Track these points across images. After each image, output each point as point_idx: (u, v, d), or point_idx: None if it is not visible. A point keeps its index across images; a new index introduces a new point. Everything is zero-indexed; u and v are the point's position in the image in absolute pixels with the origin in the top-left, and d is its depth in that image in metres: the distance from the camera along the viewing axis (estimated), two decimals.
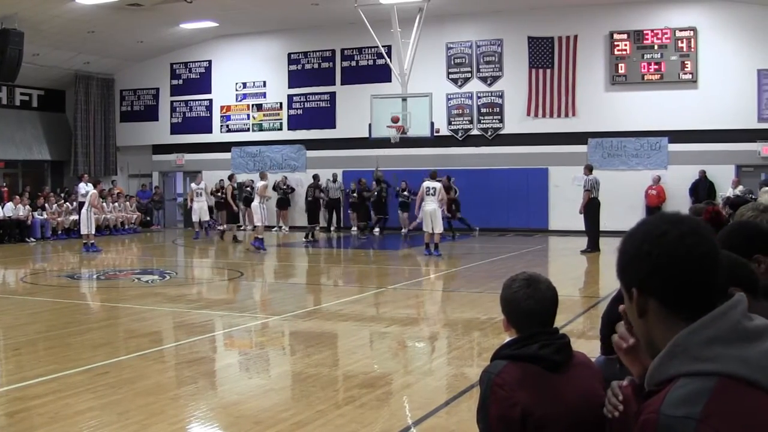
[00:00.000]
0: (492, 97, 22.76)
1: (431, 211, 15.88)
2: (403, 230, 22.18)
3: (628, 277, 1.48)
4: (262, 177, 18.37)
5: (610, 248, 16.13)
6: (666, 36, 20.67)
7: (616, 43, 21.18)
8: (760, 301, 2.21)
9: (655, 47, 20.81)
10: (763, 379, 1.31)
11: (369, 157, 22.83)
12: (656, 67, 20.81)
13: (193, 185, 22.51)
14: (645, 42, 20.89)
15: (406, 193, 21.49)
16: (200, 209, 21.76)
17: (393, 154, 21.94)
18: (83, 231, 18.12)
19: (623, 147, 21.33)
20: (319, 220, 22.12)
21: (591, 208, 16.76)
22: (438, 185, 16.27)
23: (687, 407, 1.29)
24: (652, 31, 20.79)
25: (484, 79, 22.86)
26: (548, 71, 21.99)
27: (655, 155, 20.98)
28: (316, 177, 23.22)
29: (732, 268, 2.17)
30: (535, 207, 22.07)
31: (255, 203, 17.77)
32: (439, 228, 16.00)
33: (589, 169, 17.24)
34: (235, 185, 22.12)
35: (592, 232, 16.84)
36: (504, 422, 2.36)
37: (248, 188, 23.06)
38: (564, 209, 20.71)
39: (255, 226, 17.64)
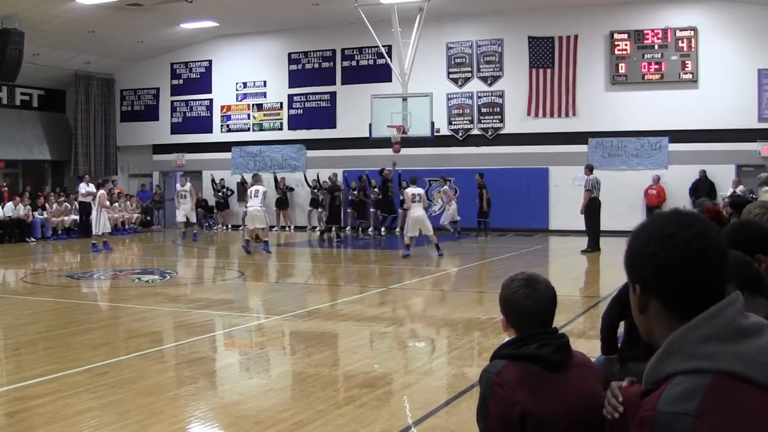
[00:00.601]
0: (492, 97, 22.76)
1: (420, 218, 15.88)
2: (397, 229, 22.17)
3: (632, 274, 1.50)
4: (257, 180, 17.89)
5: (610, 248, 16.16)
6: (667, 36, 20.66)
7: (616, 43, 21.17)
8: (757, 298, 2.21)
9: (656, 47, 20.80)
10: (758, 375, 1.32)
11: (369, 157, 22.82)
12: (656, 66, 20.81)
13: (177, 186, 22.04)
14: (645, 42, 20.89)
15: None
16: (186, 211, 21.24)
17: (393, 154, 21.92)
18: (95, 231, 18.10)
19: (623, 147, 21.33)
20: (339, 220, 21.88)
21: (591, 208, 16.76)
22: (422, 191, 16.25)
23: (683, 404, 1.30)
24: (652, 30, 20.78)
25: (484, 79, 22.86)
26: (548, 71, 21.99)
27: (656, 155, 20.98)
28: (331, 177, 22.91)
29: (737, 266, 2.18)
30: (535, 207, 22.07)
31: (258, 208, 16.98)
32: (430, 231, 16.02)
33: (589, 169, 17.23)
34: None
35: (593, 232, 16.83)
36: (503, 422, 2.36)
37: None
38: (564, 209, 20.71)
39: (262, 229, 17.39)
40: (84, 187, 21.99)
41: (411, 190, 16.12)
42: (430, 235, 16.03)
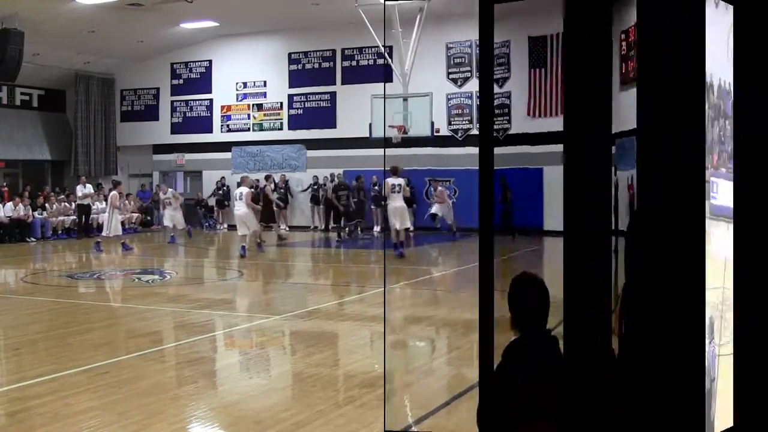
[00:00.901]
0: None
1: (399, 208, 15.81)
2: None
3: (626, 268, 1.55)
4: (243, 182, 17.81)
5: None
6: None
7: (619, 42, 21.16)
8: None
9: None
10: None
11: (369, 157, 22.81)
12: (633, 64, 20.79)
13: (161, 195, 21.84)
14: (631, 39, 20.88)
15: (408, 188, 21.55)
16: (172, 217, 20.69)
17: (393, 154, 21.90)
18: (105, 232, 18.01)
19: (623, 147, 21.32)
20: (341, 220, 21.94)
21: None
22: (403, 182, 16.14)
23: None
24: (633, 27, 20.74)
25: None
26: (548, 71, 21.99)
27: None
28: (332, 176, 23.01)
29: None
30: (534, 207, 22.04)
31: (245, 211, 16.77)
32: (408, 225, 15.93)
33: None
34: (272, 186, 21.88)
35: None
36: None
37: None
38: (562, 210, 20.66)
39: (254, 231, 17.32)
40: (81, 189, 21.96)
41: (391, 180, 15.99)
42: (406, 229, 15.91)
